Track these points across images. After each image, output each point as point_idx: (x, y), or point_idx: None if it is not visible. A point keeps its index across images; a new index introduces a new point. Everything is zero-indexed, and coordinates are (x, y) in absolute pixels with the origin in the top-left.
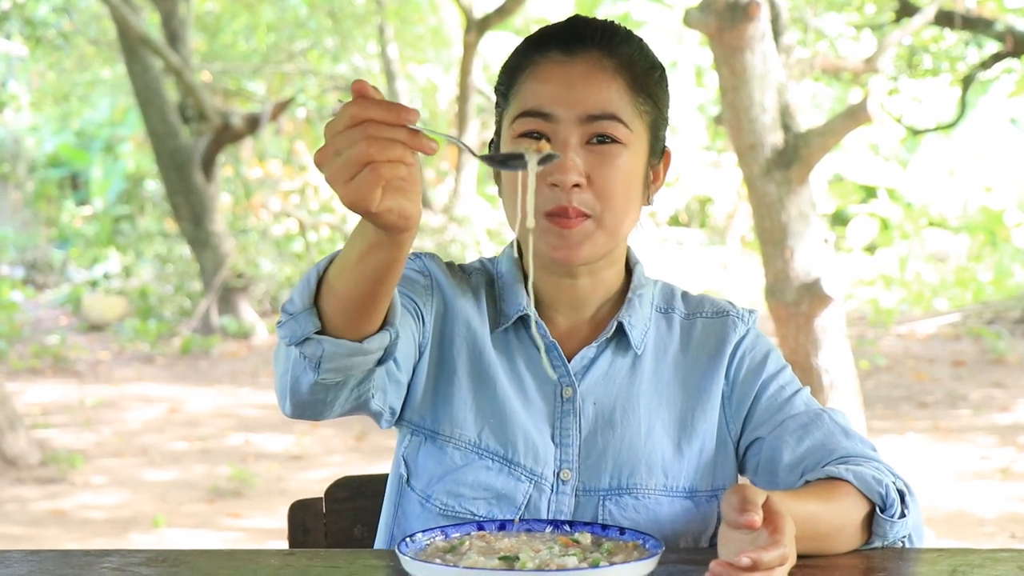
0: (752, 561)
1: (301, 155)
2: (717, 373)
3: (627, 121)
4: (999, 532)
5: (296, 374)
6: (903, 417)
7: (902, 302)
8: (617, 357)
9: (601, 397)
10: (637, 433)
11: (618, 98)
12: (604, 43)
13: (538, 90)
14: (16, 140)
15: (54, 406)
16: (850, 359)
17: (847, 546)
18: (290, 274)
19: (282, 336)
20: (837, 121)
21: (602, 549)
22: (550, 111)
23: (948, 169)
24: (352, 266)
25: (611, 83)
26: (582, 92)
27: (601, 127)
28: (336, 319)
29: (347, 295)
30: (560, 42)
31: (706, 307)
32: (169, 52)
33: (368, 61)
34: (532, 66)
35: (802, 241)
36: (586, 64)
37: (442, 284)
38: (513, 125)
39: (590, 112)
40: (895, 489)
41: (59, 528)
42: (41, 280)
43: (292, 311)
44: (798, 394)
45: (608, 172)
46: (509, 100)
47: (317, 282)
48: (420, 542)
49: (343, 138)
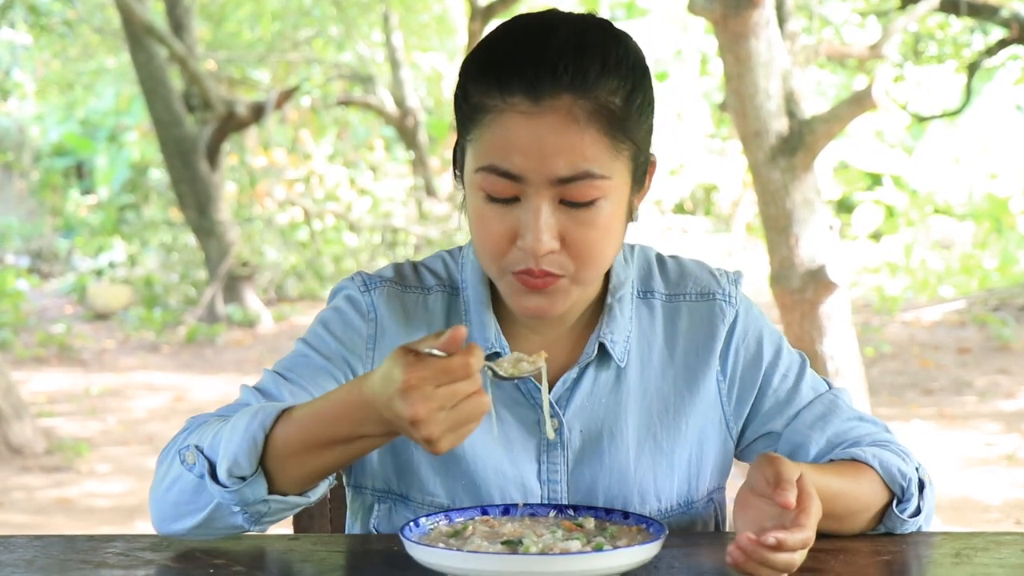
0: (777, 541)
1: (306, 143)
2: (708, 369)
3: (604, 172)
4: (1004, 518)
5: (219, 518)
6: (908, 404)
7: (907, 289)
8: (600, 372)
9: (587, 422)
10: (626, 459)
11: (593, 151)
12: (577, 82)
13: (503, 146)
14: (21, 129)
15: (60, 395)
16: (855, 346)
17: (858, 529)
18: (295, 262)
19: (228, 500)
20: (842, 108)
21: (606, 533)
22: (518, 173)
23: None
24: (335, 445)
25: (584, 134)
26: (552, 150)
27: (575, 189)
28: (286, 482)
29: (319, 468)
30: (526, 85)
31: (689, 285)
32: (174, 40)
33: (373, 49)
34: (495, 112)
35: (807, 228)
36: (556, 116)
37: (388, 330)
38: (478, 175)
39: (561, 175)
40: (916, 482)
41: (65, 516)
42: (46, 269)
43: (240, 474)
44: (803, 379)
45: (585, 233)
46: (471, 135)
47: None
48: (424, 527)
49: (447, 394)
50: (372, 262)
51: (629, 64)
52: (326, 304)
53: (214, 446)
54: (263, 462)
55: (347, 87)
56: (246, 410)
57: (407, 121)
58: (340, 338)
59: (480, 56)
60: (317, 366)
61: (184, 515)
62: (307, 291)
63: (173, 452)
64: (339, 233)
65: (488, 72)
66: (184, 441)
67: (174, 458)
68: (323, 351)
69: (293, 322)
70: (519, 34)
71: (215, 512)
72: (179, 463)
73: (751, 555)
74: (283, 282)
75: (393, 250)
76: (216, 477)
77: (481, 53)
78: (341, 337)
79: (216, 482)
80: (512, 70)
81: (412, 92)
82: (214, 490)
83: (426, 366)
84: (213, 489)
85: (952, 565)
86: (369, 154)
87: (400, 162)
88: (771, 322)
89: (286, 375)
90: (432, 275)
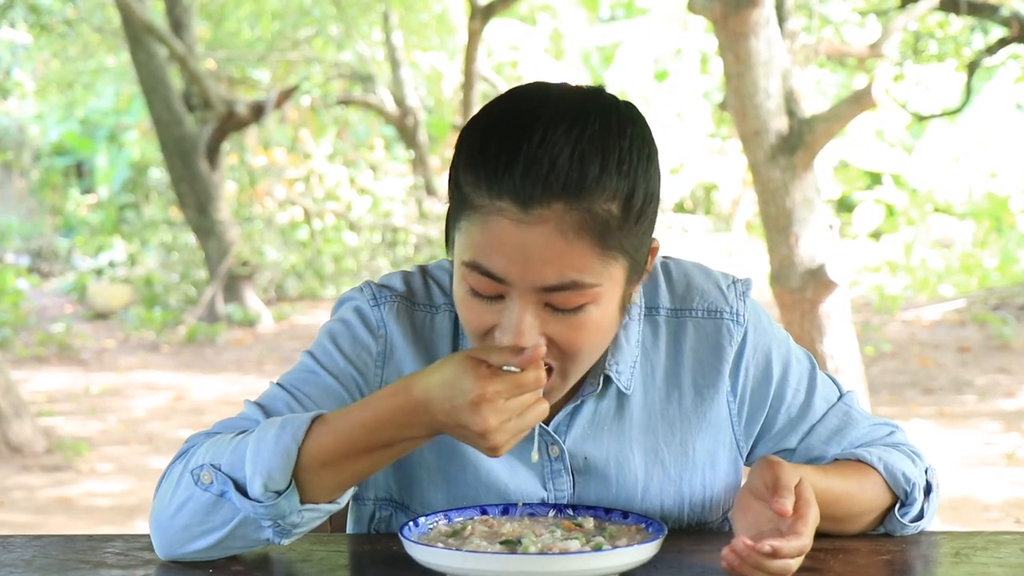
0: (773, 549)
1: (306, 143)
2: (716, 392)
3: (594, 281)
4: (1004, 517)
5: (241, 535)
6: (908, 403)
7: (907, 288)
8: (601, 401)
9: (592, 450)
10: (634, 487)
11: (582, 262)
12: (571, 191)
13: (489, 249)
14: (21, 128)
15: (59, 394)
16: (855, 345)
17: (858, 530)
18: (295, 262)
19: (260, 515)
20: (842, 107)
21: (605, 533)
22: (502, 277)
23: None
24: (375, 450)
25: (573, 247)
26: (539, 259)
27: (562, 297)
28: (319, 491)
29: (355, 475)
30: (514, 192)
31: (695, 300)
32: (174, 40)
33: (372, 48)
34: (483, 211)
35: (807, 227)
36: (545, 226)
37: (397, 348)
38: (463, 268)
39: (547, 284)
40: (922, 486)
41: (65, 516)
42: (46, 268)
43: (275, 488)
44: (814, 391)
45: (572, 336)
46: (461, 222)
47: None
48: (423, 526)
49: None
50: (372, 261)
51: (631, 162)
52: (332, 313)
53: (235, 463)
54: (294, 473)
55: (347, 86)
56: (269, 422)
57: (407, 120)
58: (349, 355)
59: (473, 142)
60: (326, 385)
61: (197, 536)
62: (307, 290)
63: (179, 474)
64: (339, 232)
65: (479, 168)
66: (192, 462)
67: (181, 479)
68: (331, 369)
69: (293, 321)
70: (512, 125)
71: (237, 529)
72: (188, 484)
73: (746, 560)
74: (283, 281)
75: (393, 249)
76: (245, 493)
77: (475, 138)
78: (350, 354)
79: (246, 498)
80: (503, 172)
81: (412, 91)
82: (244, 506)
83: (502, 380)
84: (244, 505)
85: (952, 564)
86: (369, 153)
87: (400, 161)
88: (778, 327)
89: (294, 393)
90: (441, 291)
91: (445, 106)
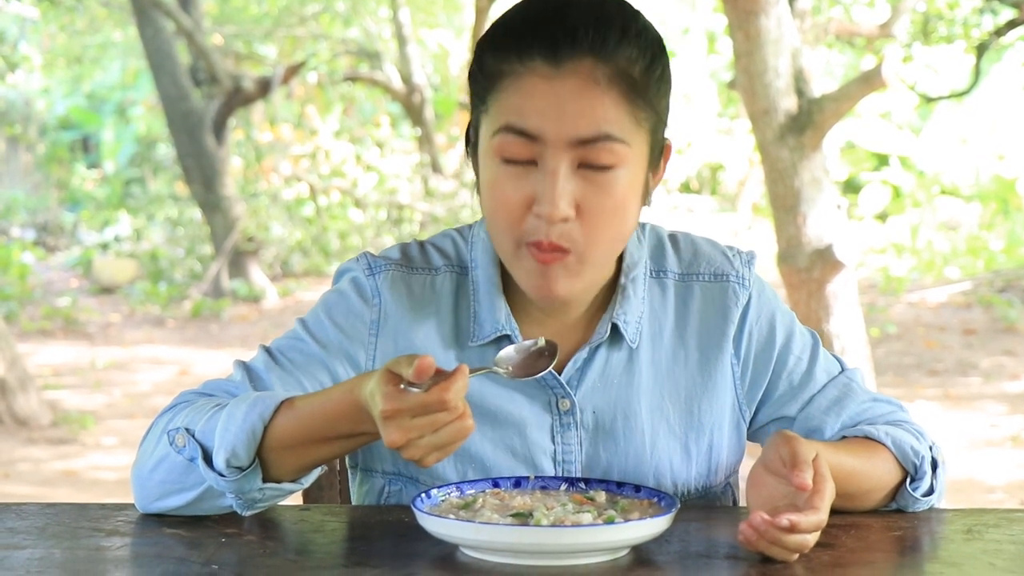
0: (791, 523)
1: (312, 119)
2: (722, 354)
3: (624, 137)
4: (1009, 499)
5: (209, 499)
6: (913, 385)
7: (913, 270)
8: (612, 353)
9: (600, 403)
10: (642, 443)
11: (614, 114)
12: (597, 47)
13: (521, 107)
14: (27, 102)
15: (65, 368)
16: (861, 325)
17: (870, 507)
18: (301, 238)
19: (222, 488)
20: (851, 86)
21: (617, 506)
22: (536, 133)
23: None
24: (335, 440)
25: (604, 97)
26: (572, 112)
27: (595, 152)
28: (282, 471)
29: (317, 459)
30: (545, 49)
31: (702, 265)
32: (181, 15)
33: (379, 25)
34: (513, 76)
35: (815, 207)
36: (576, 78)
37: (392, 316)
38: (494, 140)
39: (582, 136)
40: (930, 460)
41: (70, 488)
42: (52, 242)
43: (238, 465)
44: (816, 361)
45: (602, 202)
46: (488, 104)
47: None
48: (435, 498)
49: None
50: (377, 238)
51: (648, 38)
52: (332, 284)
53: (207, 432)
54: (259, 451)
55: (354, 63)
56: (242, 398)
57: (413, 97)
58: (341, 325)
59: (497, 29)
60: (311, 354)
61: (171, 493)
62: (312, 267)
63: (159, 432)
64: (345, 209)
65: (508, 36)
66: (173, 422)
67: (161, 438)
68: (320, 338)
69: (298, 297)
70: (537, 5)
71: (205, 493)
72: (166, 443)
73: (764, 535)
74: (288, 258)
75: (399, 227)
76: (210, 463)
77: (498, 26)
78: (342, 324)
79: (211, 468)
80: (531, 34)
81: (419, 68)
82: (208, 476)
83: (402, 400)
84: (207, 475)
85: (963, 541)
86: (375, 130)
87: (406, 139)
88: (783, 302)
89: (278, 358)
90: (440, 254)
91: (452, 84)
